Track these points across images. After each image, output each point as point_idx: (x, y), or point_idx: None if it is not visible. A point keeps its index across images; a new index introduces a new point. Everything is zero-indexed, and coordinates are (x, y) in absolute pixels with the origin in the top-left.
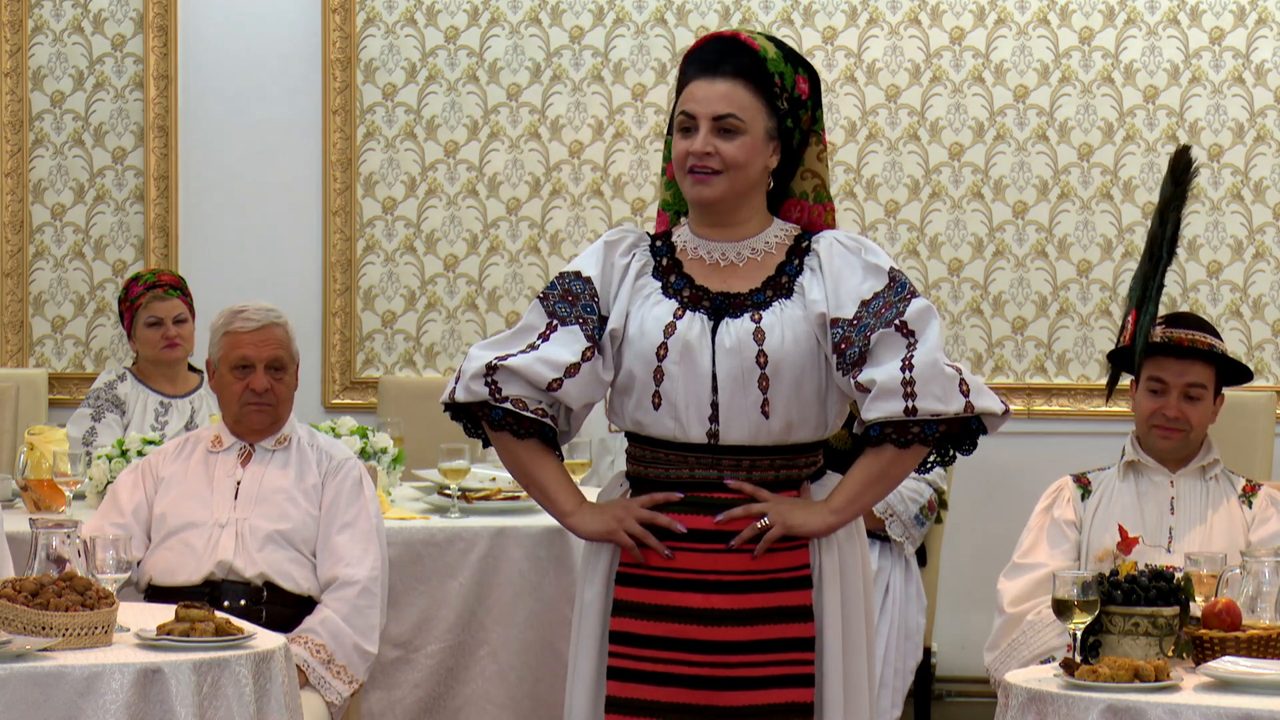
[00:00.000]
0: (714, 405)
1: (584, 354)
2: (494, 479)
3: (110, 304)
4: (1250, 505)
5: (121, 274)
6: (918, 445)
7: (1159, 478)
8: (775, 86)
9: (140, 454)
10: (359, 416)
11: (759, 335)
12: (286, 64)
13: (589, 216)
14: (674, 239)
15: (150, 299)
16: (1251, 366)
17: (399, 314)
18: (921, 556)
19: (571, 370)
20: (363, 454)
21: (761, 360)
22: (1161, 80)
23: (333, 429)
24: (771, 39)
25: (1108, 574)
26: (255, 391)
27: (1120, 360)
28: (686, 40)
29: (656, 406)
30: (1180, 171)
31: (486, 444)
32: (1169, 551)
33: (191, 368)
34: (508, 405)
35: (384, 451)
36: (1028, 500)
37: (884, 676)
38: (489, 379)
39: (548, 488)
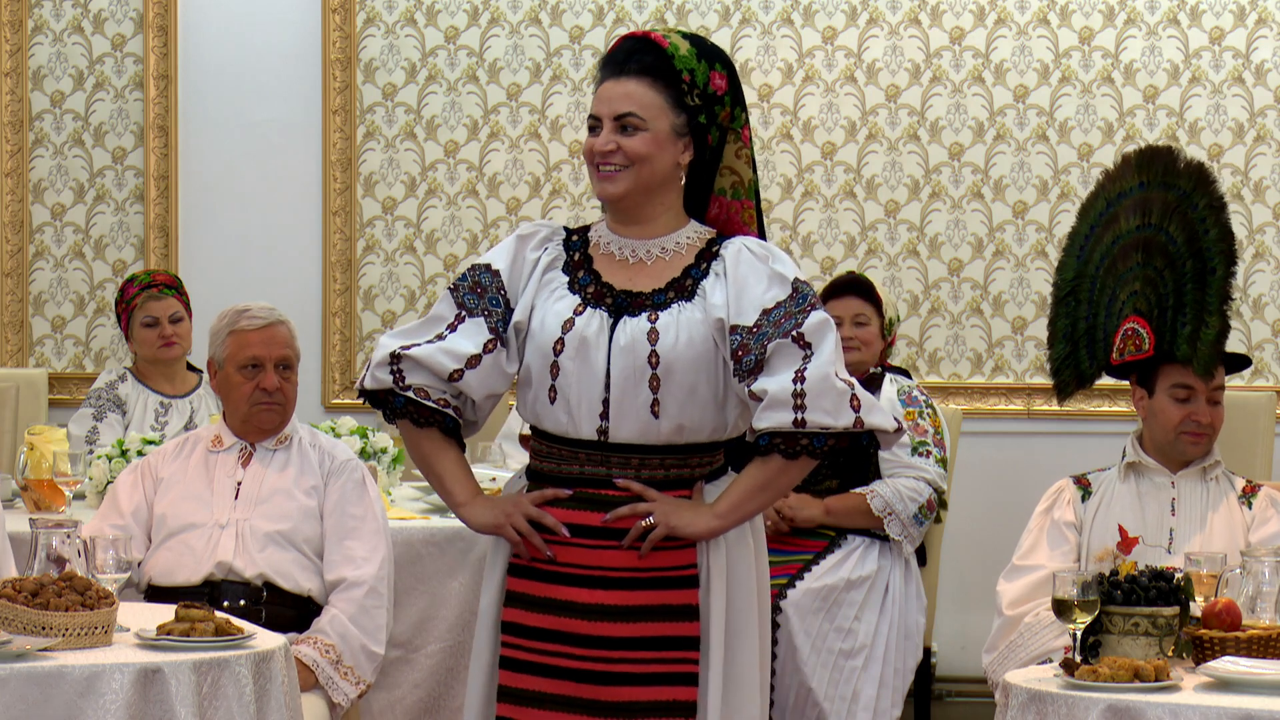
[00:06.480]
0: (605, 402)
1: (485, 346)
2: (494, 479)
3: (110, 304)
4: (1250, 506)
5: (121, 274)
6: (805, 457)
7: (1160, 478)
8: (683, 83)
9: (140, 454)
10: (359, 416)
11: (653, 335)
12: (286, 64)
13: (589, 216)
14: (590, 234)
15: (145, 299)
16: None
17: (399, 314)
18: (921, 556)
19: (473, 361)
20: (363, 454)
21: (653, 360)
22: (1161, 80)
23: (333, 429)
24: (688, 36)
25: (1108, 574)
26: (266, 391)
27: (1119, 370)
28: None
29: (551, 401)
30: (1165, 173)
31: (390, 420)
32: (1169, 552)
33: (191, 367)
34: (410, 394)
35: (384, 451)
36: (1028, 500)
37: (884, 676)
38: (394, 367)
39: (444, 477)
